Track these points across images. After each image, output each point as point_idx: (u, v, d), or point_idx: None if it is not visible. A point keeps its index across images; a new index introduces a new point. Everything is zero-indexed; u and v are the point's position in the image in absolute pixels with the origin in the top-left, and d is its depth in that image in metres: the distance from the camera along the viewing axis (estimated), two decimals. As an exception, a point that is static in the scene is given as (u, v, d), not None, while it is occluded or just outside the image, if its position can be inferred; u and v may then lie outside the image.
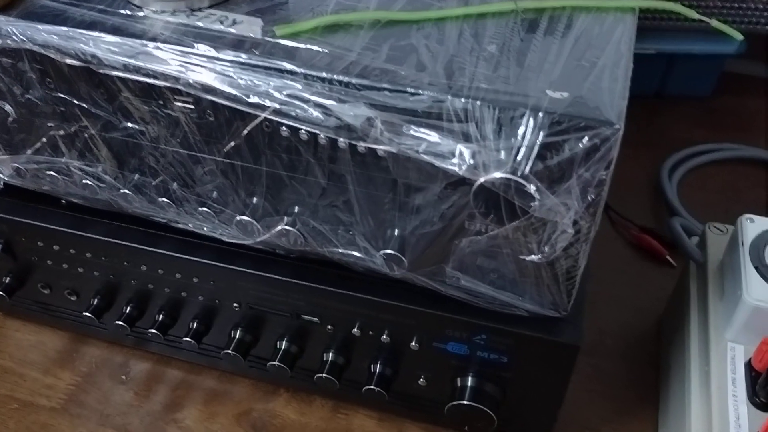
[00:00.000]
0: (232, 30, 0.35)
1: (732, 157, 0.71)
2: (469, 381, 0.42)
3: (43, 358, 0.54)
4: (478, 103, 0.30)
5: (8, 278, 0.50)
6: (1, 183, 0.44)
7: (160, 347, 0.51)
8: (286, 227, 0.38)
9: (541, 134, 0.30)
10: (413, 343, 0.42)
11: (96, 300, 0.48)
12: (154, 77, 0.34)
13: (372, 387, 0.43)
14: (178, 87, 0.34)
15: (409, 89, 0.31)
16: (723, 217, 0.51)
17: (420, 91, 0.31)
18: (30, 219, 0.46)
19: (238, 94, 0.33)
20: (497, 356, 0.40)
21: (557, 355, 0.39)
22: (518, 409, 0.43)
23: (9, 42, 0.36)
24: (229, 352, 0.45)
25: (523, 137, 0.30)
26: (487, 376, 0.42)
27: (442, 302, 0.40)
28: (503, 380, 0.42)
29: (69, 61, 0.36)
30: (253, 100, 0.33)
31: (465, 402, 0.41)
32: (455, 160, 0.30)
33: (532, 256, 0.34)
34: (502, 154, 0.30)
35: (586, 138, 0.30)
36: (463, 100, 0.31)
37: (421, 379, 0.44)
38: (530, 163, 0.30)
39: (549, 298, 0.37)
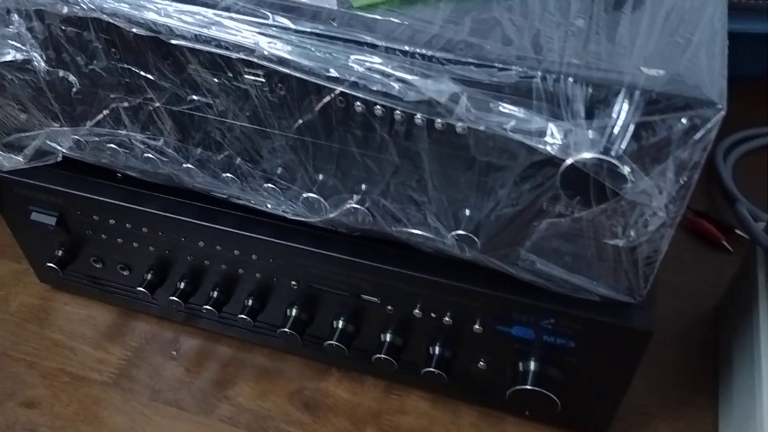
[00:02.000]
0: (306, 0, 0.34)
1: (788, 140, 0.69)
2: (533, 365, 0.41)
3: (94, 332, 0.53)
4: (570, 79, 0.29)
5: (61, 251, 0.50)
6: (60, 155, 0.43)
7: (210, 323, 0.51)
8: (355, 205, 0.37)
9: (638, 113, 0.28)
10: (476, 326, 0.41)
11: (150, 275, 0.48)
12: (227, 49, 0.33)
13: (432, 369, 0.43)
14: (252, 59, 0.33)
15: (496, 64, 0.30)
16: (781, 202, 0.50)
17: (508, 66, 0.30)
18: (86, 192, 0.45)
19: (316, 67, 0.32)
20: (564, 341, 0.40)
21: (628, 341, 0.38)
22: (582, 395, 0.42)
23: (76, 9, 0.35)
24: (286, 330, 0.45)
25: (618, 116, 0.29)
26: (552, 361, 0.41)
27: (509, 284, 0.39)
28: (569, 365, 0.41)
29: (137, 30, 0.35)
30: (332, 73, 0.31)
31: (529, 387, 0.41)
32: (547, 139, 0.29)
33: (616, 241, 0.33)
34: (595, 134, 0.29)
35: (686, 119, 0.28)
36: (554, 75, 0.29)
37: (481, 362, 0.43)
38: (625, 144, 0.29)
39: (625, 284, 0.36)
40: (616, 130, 0.29)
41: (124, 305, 0.54)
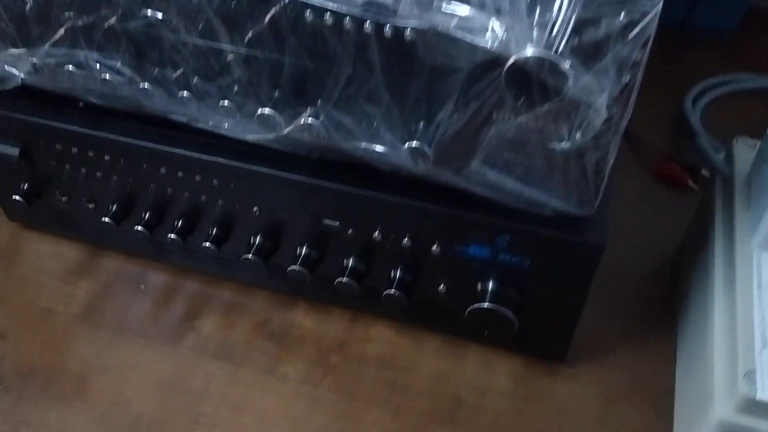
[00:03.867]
0: None
1: (758, 87, 0.69)
2: (491, 285, 0.42)
3: (62, 267, 0.54)
4: (513, -24, 0.29)
5: (26, 185, 0.50)
6: (19, 80, 0.43)
7: (177, 257, 0.51)
8: (309, 120, 0.37)
9: (578, 9, 0.29)
10: (435, 247, 0.41)
11: (115, 206, 0.48)
12: (176, -44, 0.33)
13: (392, 291, 0.43)
14: (201, -34, 0.33)
15: (440, -37, 0.30)
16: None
17: (452, -35, 0.30)
18: (48, 120, 0.45)
19: (263, -30, 0.32)
20: (520, 259, 0.40)
21: (581, 255, 0.39)
22: (539, 315, 0.43)
23: None
24: (249, 257, 0.45)
25: (558, 12, 0.29)
26: (509, 280, 0.41)
27: (466, 203, 0.39)
28: (525, 284, 0.41)
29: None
30: (279, -24, 0.32)
31: (485, 305, 0.41)
32: (488, 35, 0.29)
33: (563, 144, 0.33)
34: (536, 30, 0.29)
35: (624, 12, 0.29)
36: (496, -27, 0.30)
37: (442, 286, 0.44)
38: (565, 39, 0.29)
39: (576, 195, 0.36)
40: (557, 26, 0.29)
41: (92, 241, 0.54)
